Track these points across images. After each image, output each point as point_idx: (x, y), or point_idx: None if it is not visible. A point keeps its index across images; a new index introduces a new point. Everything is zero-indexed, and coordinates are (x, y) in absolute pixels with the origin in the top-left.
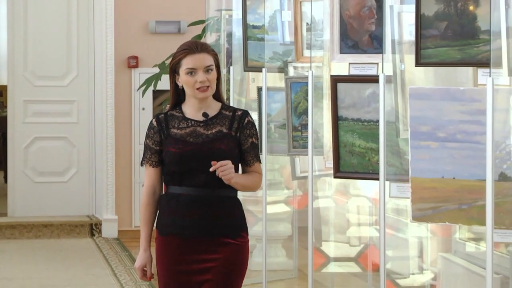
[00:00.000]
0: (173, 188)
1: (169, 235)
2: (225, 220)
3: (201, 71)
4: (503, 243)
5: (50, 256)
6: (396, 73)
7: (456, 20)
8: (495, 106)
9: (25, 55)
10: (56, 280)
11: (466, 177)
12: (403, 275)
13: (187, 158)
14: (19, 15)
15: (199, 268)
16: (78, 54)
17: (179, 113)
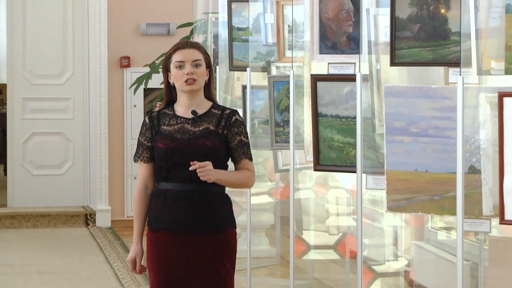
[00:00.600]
0: (162, 184)
1: (158, 230)
2: (211, 214)
3: (188, 64)
4: (472, 231)
5: (47, 244)
6: (372, 72)
7: (428, 22)
8: (465, 103)
9: (23, 55)
10: (52, 266)
11: (437, 170)
12: (378, 261)
13: (172, 153)
14: (18, 17)
15: (187, 263)
16: (73, 54)
17: (170, 111)
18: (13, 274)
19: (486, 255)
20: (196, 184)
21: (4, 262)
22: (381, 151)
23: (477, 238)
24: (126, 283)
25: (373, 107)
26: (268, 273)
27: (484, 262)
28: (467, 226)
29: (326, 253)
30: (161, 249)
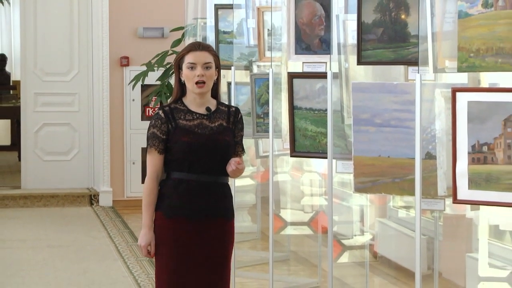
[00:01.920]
0: (179, 174)
1: (175, 217)
2: (223, 203)
3: (200, 66)
4: (428, 210)
5: (56, 221)
6: (341, 70)
7: (390, 26)
8: (422, 97)
9: (35, 55)
10: (61, 241)
11: (398, 156)
12: (347, 236)
13: (196, 147)
14: (30, 23)
15: (202, 247)
16: (79, 55)
17: (182, 106)
18: (26, 248)
19: (440, 230)
20: (214, 176)
21: (18, 237)
22: (349, 140)
23: (433, 216)
24: (126, 255)
25: (342, 101)
26: (250, 247)
27: (439, 237)
28: (424, 205)
29: (301, 229)
30: (178, 235)
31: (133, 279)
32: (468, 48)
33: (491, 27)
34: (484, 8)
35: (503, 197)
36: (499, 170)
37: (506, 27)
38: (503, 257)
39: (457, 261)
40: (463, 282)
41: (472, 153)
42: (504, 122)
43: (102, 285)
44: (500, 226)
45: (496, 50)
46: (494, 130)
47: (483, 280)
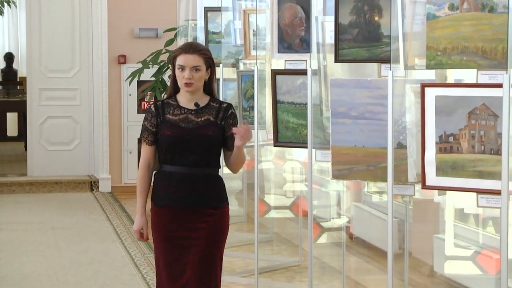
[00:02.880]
0: (166, 167)
1: (164, 207)
2: (209, 194)
3: (188, 69)
4: (400, 195)
5: (59, 206)
6: (320, 68)
7: (365, 27)
8: (394, 92)
9: (39, 54)
10: (64, 223)
11: (372, 146)
12: (325, 219)
13: (178, 140)
14: (35, 24)
15: (188, 234)
16: (80, 53)
17: (174, 101)
18: (32, 230)
19: (410, 213)
20: (197, 168)
21: (25, 220)
22: (327, 131)
23: (404, 200)
24: (123, 237)
25: (321, 95)
26: (237, 229)
27: (409, 219)
28: (396, 190)
29: (284, 213)
30: (166, 223)
31: (130, 258)
32: (436, 47)
33: (457, 28)
34: (450, 11)
35: (467, 183)
36: (464, 159)
37: (470, 28)
38: (467, 238)
39: (425, 241)
40: (431, 260)
41: (439, 143)
42: (468, 115)
43: (102, 263)
44: (465, 210)
45: (461, 49)
46: (460, 122)
47: (449, 259)
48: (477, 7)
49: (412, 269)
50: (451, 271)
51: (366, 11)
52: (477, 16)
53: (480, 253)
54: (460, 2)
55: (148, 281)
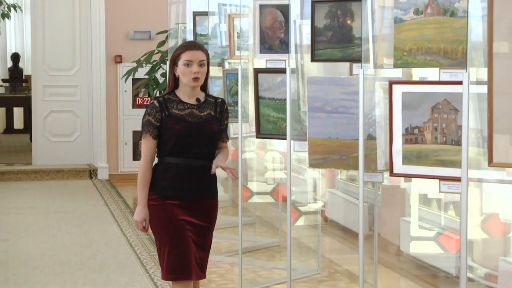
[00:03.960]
0: (170, 159)
1: (169, 197)
2: (209, 184)
3: (195, 64)
4: (370, 181)
5: (62, 192)
6: (298, 66)
7: (338, 30)
8: (364, 88)
9: (43, 53)
10: (65, 208)
11: (345, 137)
12: (302, 203)
13: (186, 134)
14: (39, 26)
15: (190, 221)
16: (80, 53)
17: (174, 97)
18: (36, 214)
19: (379, 198)
20: (201, 160)
21: (30, 205)
22: (304, 124)
23: (373, 186)
24: (120, 220)
25: (298, 92)
26: (222, 213)
27: (378, 203)
28: (366, 177)
29: (265, 198)
30: (171, 213)
31: (125, 240)
32: (402, 48)
33: (421, 30)
34: (415, 15)
35: (431, 171)
36: (428, 149)
37: (433, 31)
38: (430, 220)
39: (393, 223)
40: (398, 241)
41: (405, 134)
42: (431, 109)
43: (100, 244)
44: (428, 195)
45: (425, 49)
46: (424, 116)
47: (414, 239)
48: (439, 12)
49: (380, 248)
50: (416, 250)
51: (340, 15)
52: (439, 20)
53: (442, 234)
54: (424, 7)
55: (142, 260)
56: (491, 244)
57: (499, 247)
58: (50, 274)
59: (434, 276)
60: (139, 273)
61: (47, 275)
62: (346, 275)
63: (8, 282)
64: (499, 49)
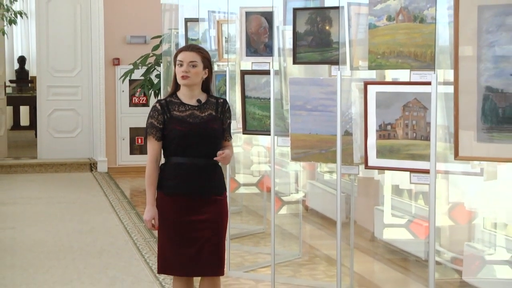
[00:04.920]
0: (175, 158)
1: (174, 195)
2: (214, 181)
3: (186, 64)
4: (347, 173)
5: (64, 183)
6: (281, 68)
7: (318, 35)
8: (341, 88)
9: (47, 56)
10: (68, 198)
11: (324, 133)
12: (285, 194)
13: (188, 134)
14: (43, 31)
15: (197, 219)
16: (81, 56)
17: (176, 99)
18: (41, 204)
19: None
20: (204, 159)
21: (35, 196)
22: (287, 121)
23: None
24: (118, 209)
25: (281, 91)
26: None
27: (354, 194)
28: (343, 170)
29: (251, 189)
30: (176, 209)
31: (123, 227)
32: (376, 51)
33: (393, 35)
34: (388, 21)
35: (402, 164)
36: (399, 144)
37: (404, 36)
38: (401, 209)
39: (367, 212)
40: (372, 228)
41: (379, 131)
42: (403, 108)
43: (100, 231)
44: (400, 186)
45: (397, 53)
46: (395, 113)
47: (387, 226)
48: (410, 19)
49: (356, 235)
50: (389, 236)
51: (319, 22)
52: (410, 26)
53: (412, 221)
54: (396, 14)
55: (138, 246)
56: (457, 230)
57: (464, 233)
58: (54, 259)
59: (405, 260)
60: (136, 258)
61: (50, 259)
62: (325, 259)
63: (15, 266)
64: (464, 52)
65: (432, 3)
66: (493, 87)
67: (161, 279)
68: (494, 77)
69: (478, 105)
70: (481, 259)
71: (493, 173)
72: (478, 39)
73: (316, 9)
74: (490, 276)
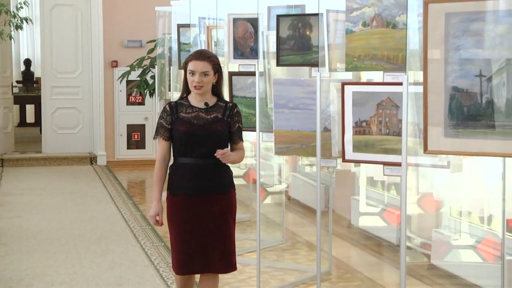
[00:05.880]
0: (181, 159)
1: (179, 194)
2: (217, 181)
3: (198, 74)
4: (325, 166)
5: (67, 176)
6: (266, 70)
7: (299, 39)
8: (321, 88)
9: (51, 59)
10: (70, 188)
11: (305, 129)
12: (269, 185)
13: (191, 135)
14: (47, 36)
15: (202, 217)
16: (82, 59)
17: (186, 102)
18: (45, 194)
19: (334, 180)
20: (208, 159)
21: (40, 187)
22: (271, 118)
23: (329, 170)
24: (116, 199)
25: (266, 91)
26: None
27: (332, 185)
28: (323, 163)
29: (238, 180)
30: (181, 209)
31: (120, 216)
32: (352, 54)
33: (368, 40)
34: (363, 27)
35: (376, 158)
36: (374, 139)
37: (378, 40)
38: (375, 199)
39: (345, 201)
40: (349, 216)
41: (355, 127)
42: (377, 106)
43: (99, 219)
44: (374, 177)
45: (371, 56)
46: (370, 111)
47: (362, 215)
48: (383, 25)
49: (334, 222)
50: (364, 224)
51: (300, 27)
52: (383, 31)
53: (385, 210)
54: (370, 20)
55: (135, 233)
56: (426, 218)
57: (432, 221)
58: (57, 245)
59: (379, 245)
60: (132, 244)
61: (54, 245)
62: (306, 244)
63: (21, 251)
64: (433, 55)
65: (403, 10)
66: (459, 87)
67: (155, 263)
68: (459, 78)
69: (445, 103)
70: (448, 244)
71: (458, 165)
72: (445, 43)
73: (298, 15)
74: (456, 259)
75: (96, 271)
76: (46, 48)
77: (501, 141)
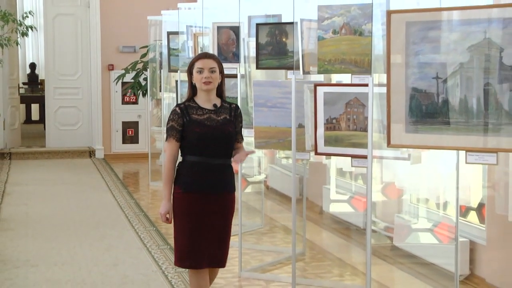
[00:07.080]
0: (192, 157)
1: (190, 191)
2: (227, 180)
3: (206, 70)
4: (300, 159)
5: (68, 168)
6: (246, 73)
7: (276, 45)
8: (296, 89)
9: (53, 62)
10: (71, 180)
11: (281, 126)
12: (250, 175)
13: (206, 136)
14: (50, 42)
15: (209, 212)
16: (82, 62)
17: (194, 104)
18: (49, 184)
19: (307, 171)
20: (220, 158)
21: (44, 178)
22: (251, 116)
23: (303, 162)
24: (112, 189)
25: (247, 92)
26: None
27: (306, 175)
28: (297, 156)
29: None
30: (192, 205)
31: (116, 203)
32: (324, 59)
33: (338, 46)
34: (333, 34)
35: (345, 151)
36: (343, 134)
37: (347, 46)
38: (344, 188)
39: (317, 189)
40: (321, 203)
41: (326, 124)
42: (345, 105)
43: (97, 207)
44: (343, 169)
45: (341, 60)
46: (340, 110)
47: (333, 202)
48: (351, 32)
49: (308, 209)
50: (334, 210)
51: (277, 35)
52: (351, 38)
53: (353, 197)
54: (339, 28)
55: (130, 219)
56: (389, 205)
57: (394, 207)
58: (59, 230)
59: (348, 229)
60: (127, 229)
61: (57, 230)
62: (283, 229)
63: (28, 236)
64: (395, 60)
65: (369, 19)
66: (418, 88)
67: (148, 246)
68: (419, 80)
69: (406, 103)
70: (408, 228)
71: (418, 158)
72: (406, 49)
73: (275, 24)
74: (415, 241)
75: (95, 253)
76: (49, 53)
77: (455, 136)
